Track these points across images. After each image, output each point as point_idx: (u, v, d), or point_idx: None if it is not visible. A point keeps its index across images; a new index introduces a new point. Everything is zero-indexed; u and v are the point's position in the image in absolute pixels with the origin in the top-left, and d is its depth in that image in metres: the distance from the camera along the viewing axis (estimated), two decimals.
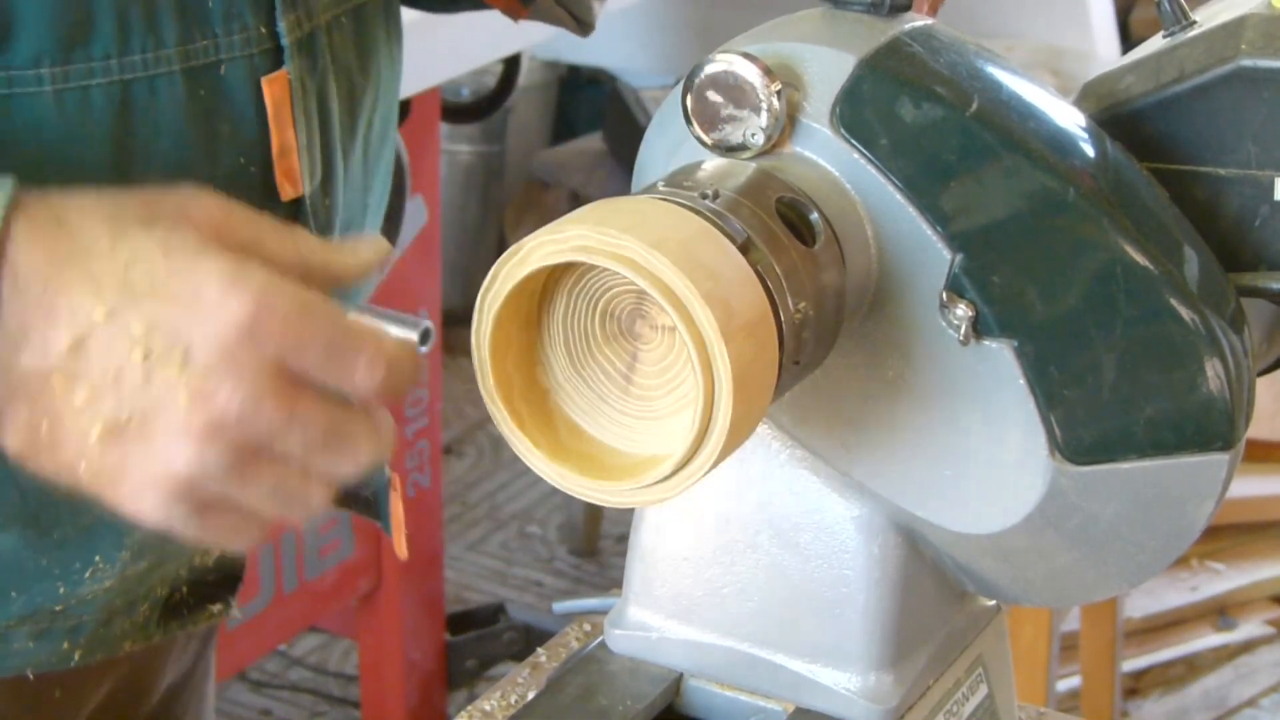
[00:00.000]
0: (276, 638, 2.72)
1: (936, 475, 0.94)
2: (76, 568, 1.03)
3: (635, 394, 0.83)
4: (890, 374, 0.93)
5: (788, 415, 0.97)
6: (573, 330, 0.84)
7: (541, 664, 1.15)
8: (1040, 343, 0.89)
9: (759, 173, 0.87)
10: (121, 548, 1.04)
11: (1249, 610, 3.35)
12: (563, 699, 1.02)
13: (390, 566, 2.72)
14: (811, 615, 0.99)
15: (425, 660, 2.85)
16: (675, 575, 1.03)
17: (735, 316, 0.78)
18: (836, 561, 0.98)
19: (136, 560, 1.05)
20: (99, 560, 1.03)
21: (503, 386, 0.82)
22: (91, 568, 1.03)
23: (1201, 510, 0.92)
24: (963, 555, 0.99)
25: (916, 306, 0.90)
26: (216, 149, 0.99)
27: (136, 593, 1.09)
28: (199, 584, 1.15)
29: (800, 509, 0.99)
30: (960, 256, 0.89)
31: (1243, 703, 3.15)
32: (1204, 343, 0.89)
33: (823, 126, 0.89)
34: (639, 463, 0.82)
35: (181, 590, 1.14)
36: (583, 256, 0.78)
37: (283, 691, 3.20)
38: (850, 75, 0.89)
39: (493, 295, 0.80)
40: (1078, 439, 0.90)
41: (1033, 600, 1.03)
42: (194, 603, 1.15)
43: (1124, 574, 0.96)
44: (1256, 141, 0.93)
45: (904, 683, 0.99)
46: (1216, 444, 0.90)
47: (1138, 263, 0.88)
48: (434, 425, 2.72)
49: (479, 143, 4.61)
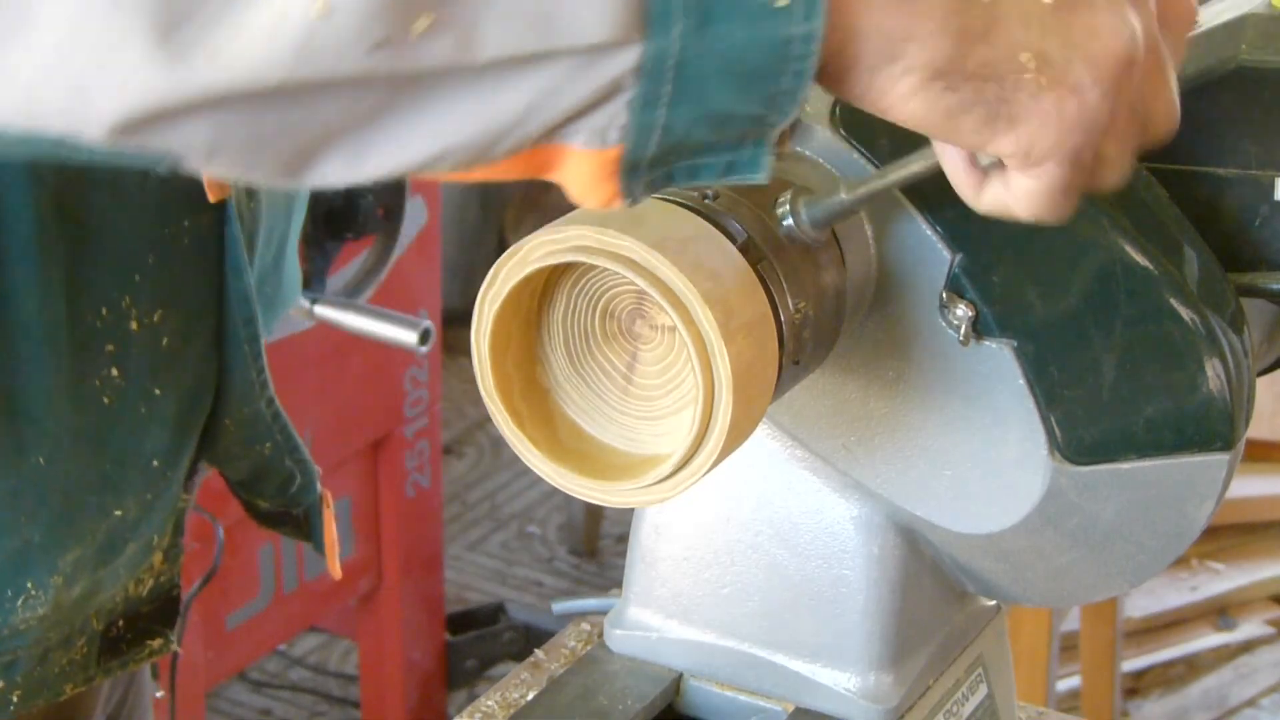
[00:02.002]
0: (276, 638, 2.72)
1: (936, 475, 0.94)
2: (9, 595, 1.01)
3: (635, 394, 0.83)
4: (890, 374, 0.93)
5: (787, 415, 0.97)
6: (573, 330, 0.84)
7: (541, 664, 1.15)
8: (1040, 343, 0.89)
9: None
10: (54, 571, 1.02)
11: (1249, 610, 3.35)
12: (563, 699, 1.02)
13: (390, 566, 2.72)
14: (811, 615, 0.99)
15: (425, 660, 2.85)
16: (675, 575, 1.03)
17: (735, 316, 0.78)
18: (836, 561, 0.98)
19: (70, 586, 1.03)
20: (31, 586, 1.01)
21: (502, 386, 0.82)
22: (24, 595, 1.01)
23: (1201, 510, 0.92)
24: (962, 555, 0.99)
25: (916, 306, 0.90)
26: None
27: (73, 624, 1.07)
28: (135, 617, 1.13)
29: (800, 509, 0.99)
30: (960, 256, 0.89)
31: (1243, 703, 3.15)
32: (1204, 342, 0.89)
33: (822, 126, 0.89)
34: (638, 462, 0.82)
35: (118, 624, 1.11)
36: (583, 257, 0.78)
37: (283, 691, 3.19)
38: None
39: (493, 295, 0.80)
40: (1077, 439, 0.90)
41: (1033, 600, 1.03)
42: (132, 638, 1.13)
43: (1124, 574, 0.96)
44: (1256, 141, 0.93)
45: (904, 683, 0.99)
46: (1216, 444, 0.90)
47: (1137, 263, 0.88)
48: (434, 425, 2.72)
49: None
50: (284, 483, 1.17)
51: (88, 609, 1.07)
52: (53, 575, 1.02)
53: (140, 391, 1.02)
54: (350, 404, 2.54)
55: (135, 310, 1.00)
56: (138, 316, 1.01)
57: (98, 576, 1.06)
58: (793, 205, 0.84)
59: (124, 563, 1.07)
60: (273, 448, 1.14)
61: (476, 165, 0.69)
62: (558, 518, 3.82)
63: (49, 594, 1.02)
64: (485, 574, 3.63)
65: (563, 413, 0.84)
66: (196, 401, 1.07)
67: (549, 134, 0.67)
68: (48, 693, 1.08)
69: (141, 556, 1.09)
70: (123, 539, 1.05)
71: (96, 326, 0.99)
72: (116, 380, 1.01)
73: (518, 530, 3.80)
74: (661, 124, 0.68)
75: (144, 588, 1.12)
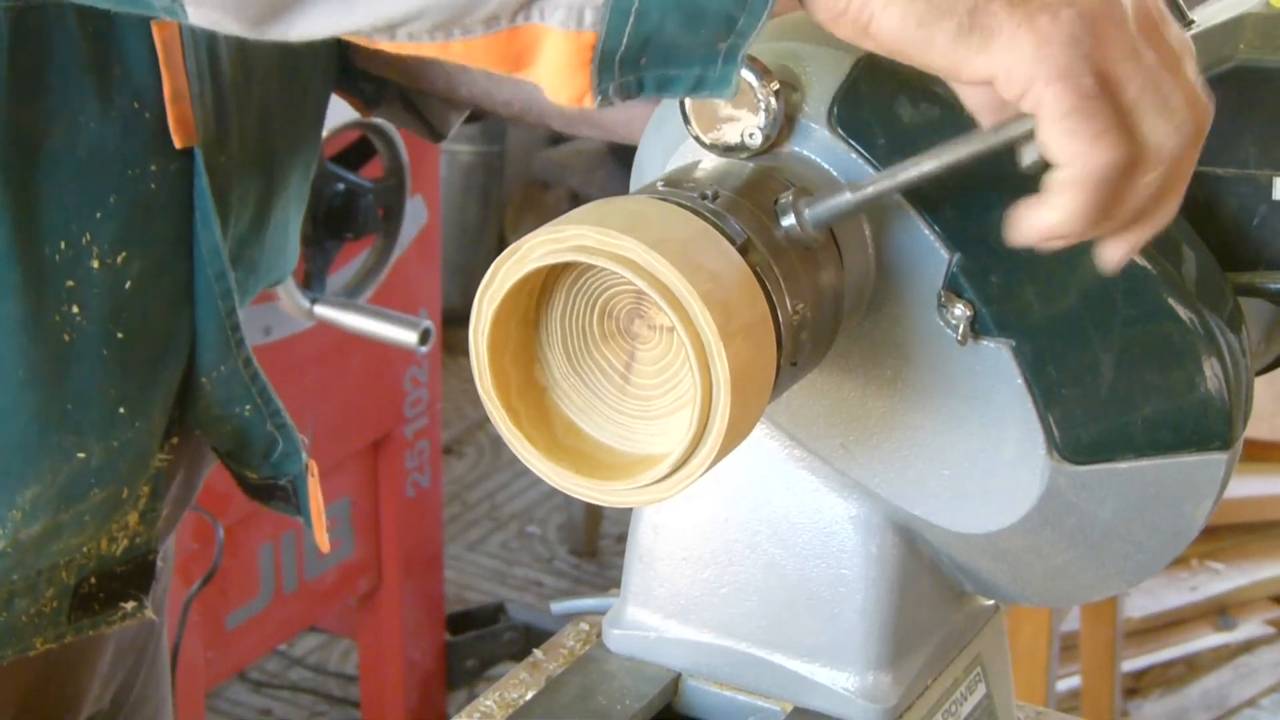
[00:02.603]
0: (276, 638, 2.72)
1: (934, 475, 0.94)
2: None
3: (632, 393, 0.83)
4: (888, 374, 0.93)
5: (786, 415, 0.97)
6: (571, 329, 0.84)
7: (539, 664, 1.15)
8: (1038, 342, 0.89)
9: (758, 173, 0.87)
10: (12, 505, 1.03)
11: (1249, 610, 3.35)
12: (561, 698, 1.02)
13: (390, 566, 2.72)
14: (809, 615, 0.99)
15: (425, 660, 2.85)
16: (673, 575, 1.03)
17: (734, 318, 0.78)
18: (834, 561, 0.98)
19: (29, 522, 1.05)
20: None
21: (500, 384, 0.82)
22: None
23: (1200, 510, 0.92)
24: (961, 554, 0.99)
25: (914, 306, 0.91)
26: (109, 89, 1.00)
27: (35, 568, 1.08)
28: (108, 576, 1.14)
29: (798, 509, 0.99)
30: (958, 256, 0.89)
31: (1243, 703, 3.15)
32: (1202, 342, 0.89)
33: (820, 126, 0.89)
34: (636, 462, 0.82)
35: (90, 581, 1.13)
36: (582, 256, 0.78)
37: (283, 691, 3.20)
38: (848, 75, 0.89)
39: (491, 293, 0.80)
40: (1076, 438, 0.90)
41: (1031, 600, 1.03)
42: (104, 598, 1.14)
43: (1122, 573, 0.96)
44: (1255, 141, 0.93)
45: (902, 682, 0.99)
46: (1214, 443, 0.90)
47: (1135, 262, 0.88)
48: (434, 425, 2.72)
49: (479, 143, 4.61)
50: (267, 449, 1.18)
51: (51, 553, 1.08)
52: (10, 510, 1.03)
53: (102, 333, 1.03)
54: (350, 404, 2.55)
55: (96, 249, 1.01)
56: (99, 255, 1.02)
57: (59, 520, 1.07)
58: (794, 205, 0.84)
59: (89, 510, 1.08)
60: (253, 410, 1.15)
61: (456, 28, 0.72)
62: (558, 518, 3.82)
63: (8, 528, 1.04)
64: (485, 574, 3.63)
65: (560, 412, 0.84)
66: (165, 352, 1.08)
67: (527, 4, 0.71)
68: (16, 642, 1.10)
69: (110, 509, 1.10)
70: (85, 483, 1.06)
71: (55, 260, 1.00)
72: (77, 318, 1.02)
73: (518, 530, 3.81)
74: (635, 7, 0.71)
75: (117, 546, 1.13)
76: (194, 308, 1.09)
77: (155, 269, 1.05)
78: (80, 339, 1.02)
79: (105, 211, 1.01)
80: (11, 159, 0.97)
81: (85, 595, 1.13)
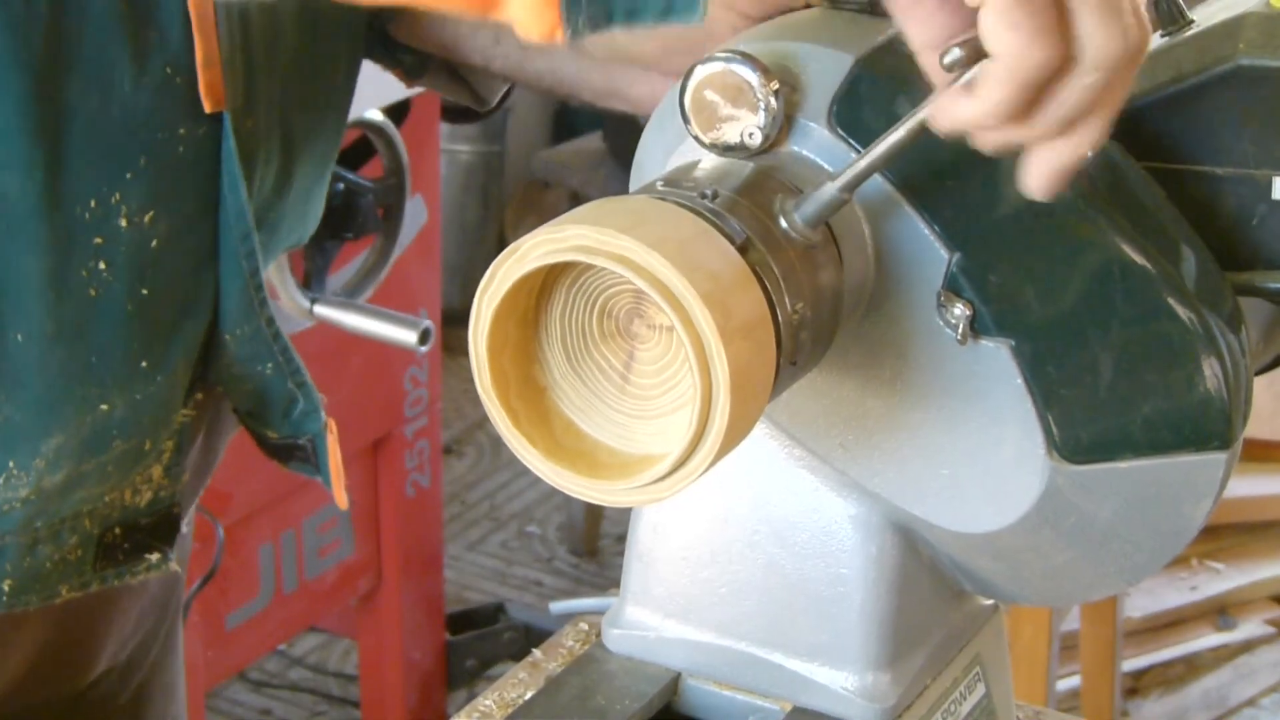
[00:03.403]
0: (276, 638, 2.72)
1: (934, 474, 0.94)
2: None
3: (632, 393, 0.83)
4: (888, 373, 0.93)
5: (785, 415, 0.97)
6: (570, 328, 0.84)
7: (539, 663, 1.15)
8: (1038, 342, 0.89)
9: (757, 172, 0.87)
10: (36, 454, 1.04)
11: (1249, 610, 3.35)
12: (561, 698, 1.02)
13: (390, 566, 2.72)
14: (809, 614, 0.99)
15: (425, 660, 2.85)
16: (673, 575, 1.03)
17: (733, 317, 0.78)
18: (834, 561, 0.98)
19: (52, 470, 1.06)
20: (12, 466, 1.04)
21: (499, 384, 0.82)
22: (5, 474, 1.04)
23: (1199, 509, 0.92)
24: (960, 554, 0.99)
25: (914, 306, 0.91)
26: (144, 55, 1.01)
27: (59, 515, 1.09)
28: (133, 528, 1.15)
29: (798, 508, 0.99)
30: (958, 256, 0.89)
31: (1243, 703, 3.15)
32: (1201, 342, 0.89)
33: (820, 126, 0.89)
34: (635, 462, 0.82)
35: (114, 531, 1.14)
36: (582, 256, 0.78)
37: (283, 691, 3.20)
38: (847, 74, 0.89)
39: (491, 293, 0.80)
40: (1075, 438, 0.90)
41: (1030, 599, 1.03)
42: (129, 549, 1.15)
43: (1121, 573, 0.96)
44: (1254, 141, 0.93)
45: (901, 682, 1.00)
46: (1214, 443, 0.90)
47: (1135, 262, 0.88)
48: (434, 425, 2.72)
49: (479, 143, 4.61)
50: (287, 407, 1.19)
51: (74, 500, 1.09)
52: (35, 458, 1.05)
53: (127, 289, 1.04)
54: (350, 404, 2.55)
55: (125, 208, 1.03)
56: (128, 215, 1.03)
57: (82, 469, 1.08)
58: (783, 206, 0.84)
59: (112, 461, 1.09)
60: (274, 369, 1.16)
61: None
62: (557, 517, 3.82)
63: (31, 476, 1.05)
64: (485, 574, 3.63)
65: (559, 411, 0.84)
66: (188, 311, 1.10)
67: None
68: (41, 589, 1.11)
69: (133, 460, 1.11)
70: (108, 435, 1.08)
71: (84, 218, 1.01)
72: (104, 274, 1.03)
73: (517, 530, 3.81)
74: None
75: (142, 499, 1.14)
76: (218, 268, 1.10)
77: (181, 229, 1.06)
78: (105, 295, 1.04)
79: (135, 173, 1.02)
80: (47, 122, 0.98)
81: (110, 545, 1.14)
